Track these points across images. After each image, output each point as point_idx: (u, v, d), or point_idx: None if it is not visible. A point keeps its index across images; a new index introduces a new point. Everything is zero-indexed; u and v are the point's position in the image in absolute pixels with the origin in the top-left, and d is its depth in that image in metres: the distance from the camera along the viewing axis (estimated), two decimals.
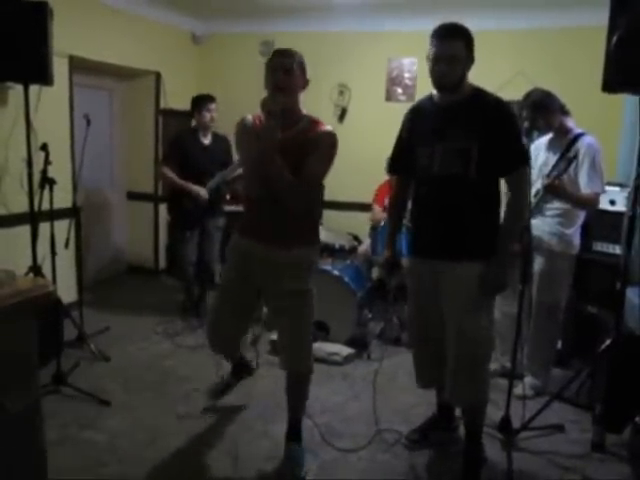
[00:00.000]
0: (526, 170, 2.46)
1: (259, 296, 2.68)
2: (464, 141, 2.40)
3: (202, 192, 4.25)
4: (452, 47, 2.37)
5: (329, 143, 2.44)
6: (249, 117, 2.54)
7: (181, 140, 4.43)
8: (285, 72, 2.37)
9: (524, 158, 2.47)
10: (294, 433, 2.68)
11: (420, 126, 2.58)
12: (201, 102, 4.38)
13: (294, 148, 2.37)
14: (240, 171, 3.55)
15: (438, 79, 2.42)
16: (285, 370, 2.60)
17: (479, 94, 2.46)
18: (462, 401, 2.60)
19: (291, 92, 2.41)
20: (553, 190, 3.09)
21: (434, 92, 2.53)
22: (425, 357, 2.74)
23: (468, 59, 2.41)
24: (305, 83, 2.48)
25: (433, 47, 2.40)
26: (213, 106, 4.38)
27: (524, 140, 2.59)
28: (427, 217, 2.58)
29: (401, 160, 2.72)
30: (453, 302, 2.48)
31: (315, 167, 2.41)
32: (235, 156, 3.95)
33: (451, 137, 2.43)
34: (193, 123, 4.66)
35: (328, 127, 2.49)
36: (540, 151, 3.34)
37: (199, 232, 4.49)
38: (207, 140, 4.44)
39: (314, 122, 2.49)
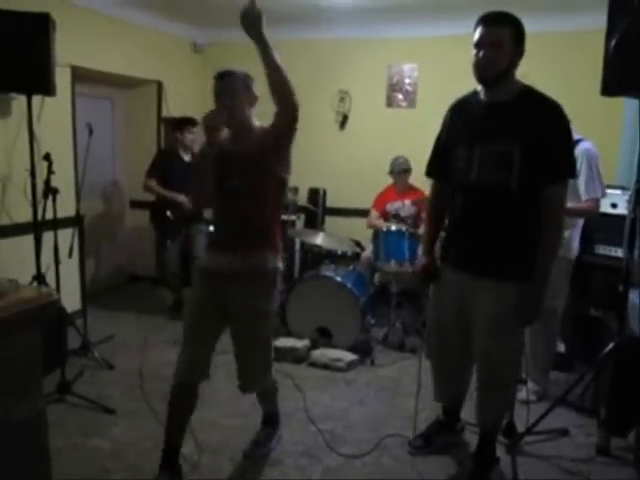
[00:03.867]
0: (568, 184, 2.27)
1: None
2: (506, 144, 2.21)
3: (186, 200, 4.54)
4: (497, 33, 2.18)
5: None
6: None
7: (164, 157, 4.85)
8: (231, 93, 2.41)
9: (571, 169, 2.25)
10: (268, 420, 2.85)
11: (460, 124, 2.41)
12: (184, 124, 4.74)
13: (254, 154, 2.34)
14: None
15: (479, 68, 2.23)
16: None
17: (530, 93, 2.26)
18: (485, 424, 2.56)
19: (236, 111, 2.40)
20: None
21: (479, 87, 2.35)
22: (445, 372, 2.68)
23: (515, 51, 2.21)
24: (253, 100, 2.46)
25: (476, 33, 2.22)
26: (195, 129, 4.70)
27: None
28: (462, 229, 2.43)
29: (439, 163, 2.54)
30: (481, 322, 2.37)
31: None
32: None
33: (492, 138, 2.25)
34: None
35: None
36: None
37: (182, 239, 4.76)
38: (187, 157, 4.79)
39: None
